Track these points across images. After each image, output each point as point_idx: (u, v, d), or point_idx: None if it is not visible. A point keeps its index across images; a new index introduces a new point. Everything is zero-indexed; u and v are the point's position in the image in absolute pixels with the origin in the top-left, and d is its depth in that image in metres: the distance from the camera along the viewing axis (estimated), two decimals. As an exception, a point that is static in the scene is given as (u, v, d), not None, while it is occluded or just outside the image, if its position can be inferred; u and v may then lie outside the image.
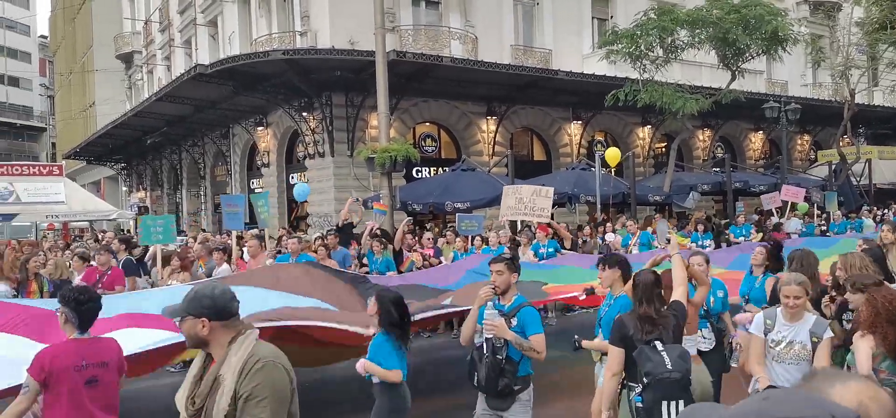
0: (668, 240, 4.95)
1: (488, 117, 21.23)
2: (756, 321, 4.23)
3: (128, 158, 33.97)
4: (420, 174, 20.01)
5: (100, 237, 15.56)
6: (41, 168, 23.08)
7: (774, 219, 15.56)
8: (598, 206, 15.12)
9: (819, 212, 17.47)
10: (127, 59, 38.75)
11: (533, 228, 11.83)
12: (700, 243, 12.36)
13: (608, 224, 12.68)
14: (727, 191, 18.66)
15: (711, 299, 5.44)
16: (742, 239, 13.36)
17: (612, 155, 16.15)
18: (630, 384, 3.90)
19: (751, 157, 27.65)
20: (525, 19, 23.07)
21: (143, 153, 31.20)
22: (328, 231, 11.95)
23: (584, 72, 20.76)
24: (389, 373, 4.48)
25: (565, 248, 11.21)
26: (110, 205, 26.32)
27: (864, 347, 3.61)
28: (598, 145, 22.86)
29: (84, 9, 45.53)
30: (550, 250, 10.82)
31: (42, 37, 67.05)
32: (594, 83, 19.61)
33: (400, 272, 10.07)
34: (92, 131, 33.95)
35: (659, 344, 3.77)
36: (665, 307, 4.07)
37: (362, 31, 17.32)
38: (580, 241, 12.72)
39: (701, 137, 25.95)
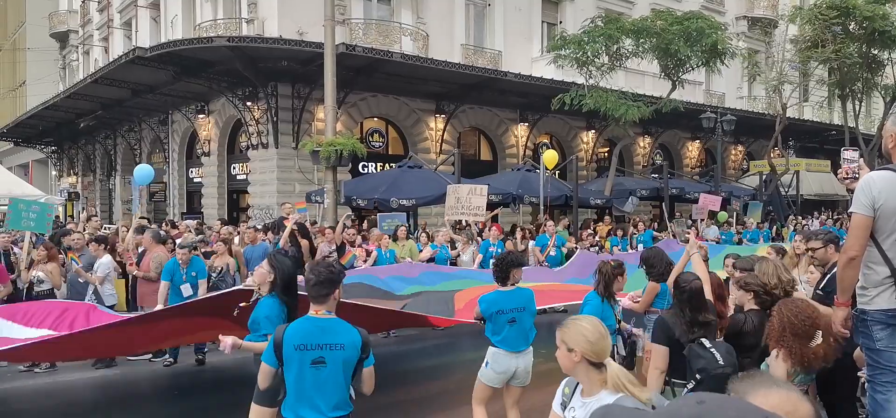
0: (687, 240, 5.07)
1: (437, 115, 21.25)
2: (559, 391, 3.04)
3: (59, 141, 32.42)
4: (366, 169, 19.86)
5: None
6: (-37, 148, 21.81)
7: (702, 227, 16.03)
8: (542, 208, 15.34)
9: (740, 220, 18.11)
10: (62, 38, 37.00)
11: (475, 227, 11.92)
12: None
13: (549, 224, 12.89)
14: (664, 197, 19.25)
15: None
16: (640, 246, 13.79)
17: (550, 157, 16.42)
18: (674, 380, 4.00)
19: (687, 165, 28.61)
20: (476, 20, 23.21)
21: (75, 137, 29.84)
22: (265, 224, 11.72)
23: (533, 75, 21.03)
24: (259, 345, 4.05)
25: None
26: (38, 189, 25.04)
27: (780, 366, 3.61)
28: (544, 148, 23.23)
29: (16, -18, 43.26)
30: (497, 250, 10.89)
31: (-32, 9, 63.27)
32: (542, 86, 19.89)
33: (341, 264, 10.04)
34: (21, 111, 32.24)
35: (706, 342, 3.84)
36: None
37: (311, 22, 17.06)
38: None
39: (641, 144, 26.69)
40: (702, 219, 16.27)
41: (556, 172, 19.16)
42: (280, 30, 17.93)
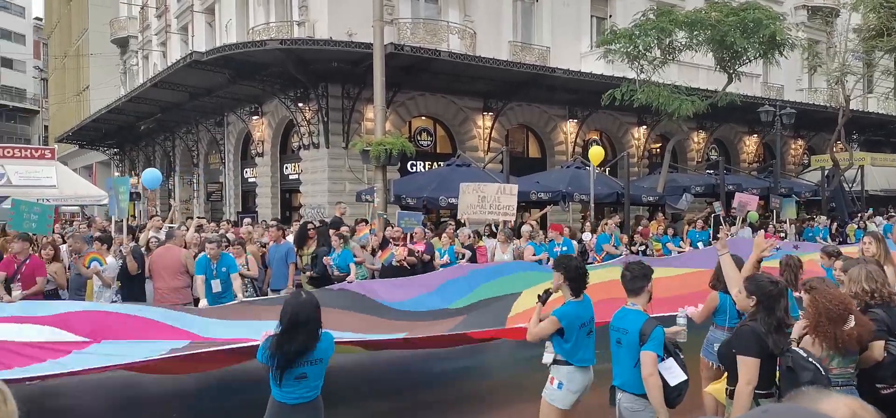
0: (718, 238, 4.91)
1: (484, 113, 21.21)
2: None
3: (121, 143, 33.76)
4: (415, 168, 19.98)
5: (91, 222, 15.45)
6: (33, 151, 22.89)
7: (736, 228, 15.14)
8: (592, 206, 15.12)
9: (776, 219, 17.20)
10: (122, 43, 38.49)
11: (509, 227, 11.88)
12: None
13: (609, 222, 12.72)
14: (720, 193, 18.72)
15: None
16: (700, 244, 13.46)
17: (595, 153, 16.12)
18: (756, 391, 3.78)
19: (745, 161, 27.75)
20: (524, 16, 23.05)
21: (136, 139, 31.01)
22: (305, 222, 11.90)
23: (582, 70, 20.77)
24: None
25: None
26: (102, 190, 26.18)
27: (816, 351, 3.66)
28: (593, 144, 22.91)
29: (80, -9, 45.24)
30: (564, 249, 10.80)
31: (37, 19, 66.43)
32: (591, 82, 19.62)
33: (380, 260, 10.18)
34: (85, 115, 33.72)
35: (801, 350, 3.70)
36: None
37: (360, 23, 17.26)
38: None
39: (696, 139, 26.03)
40: (742, 217, 15.48)
41: (607, 169, 18.87)
42: (330, 31, 18.21)
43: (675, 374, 4.00)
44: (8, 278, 7.57)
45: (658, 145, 25.15)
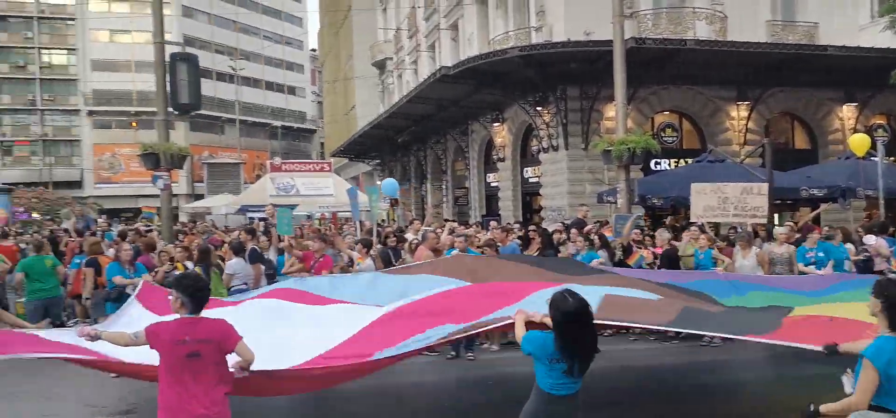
0: None
1: (739, 103, 19.36)
2: None
3: (381, 155, 37.62)
4: (659, 166, 18.99)
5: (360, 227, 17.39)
6: (314, 165, 26.68)
7: None
8: (881, 202, 12.84)
9: None
10: (380, 65, 42.90)
11: (749, 230, 10.59)
12: None
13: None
14: None
15: None
16: None
17: (858, 142, 13.51)
18: None
19: None
20: (784, -9, 20.60)
21: (394, 151, 34.30)
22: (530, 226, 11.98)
23: (861, 45, 17.84)
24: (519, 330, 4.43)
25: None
26: (365, 197, 29.40)
27: None
28: (879, 131, 19.52)
29: (346, 23, 51.56)
30: (821, 254, 9.42)
31: (312, 51, 77.61)
32: (875, 58, 16.77)
33: (628, 265, 9.83)
34: (352, 131, 38.26)
35: None
36: None
37: (597, 21, 16.96)
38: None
39: None
40: None
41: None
42: (567, 32, 18.21)
43: None
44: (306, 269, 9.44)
45: (971, 126, 20.57)
